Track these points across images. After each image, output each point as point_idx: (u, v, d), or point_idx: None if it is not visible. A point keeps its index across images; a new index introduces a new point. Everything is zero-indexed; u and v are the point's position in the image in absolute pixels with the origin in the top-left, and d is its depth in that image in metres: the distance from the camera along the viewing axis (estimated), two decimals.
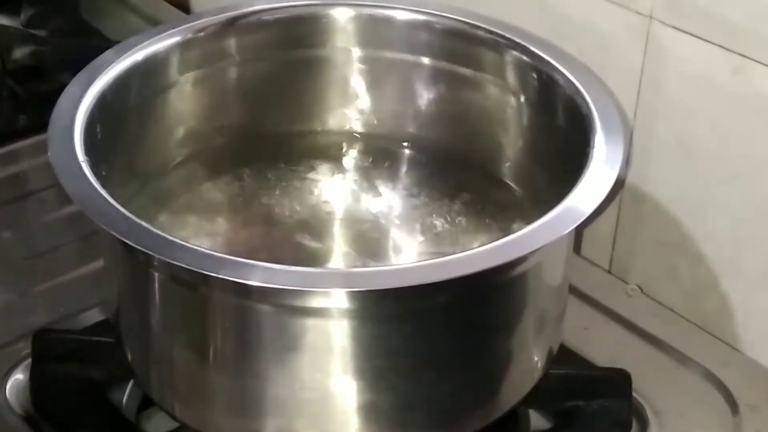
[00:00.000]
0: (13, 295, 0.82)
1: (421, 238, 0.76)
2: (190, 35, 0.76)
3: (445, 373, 0.64)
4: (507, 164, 0.79)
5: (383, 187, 0.80)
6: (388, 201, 0.79)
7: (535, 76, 0.74)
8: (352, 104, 0.82)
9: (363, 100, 0.82)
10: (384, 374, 0.62)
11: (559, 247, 0.67)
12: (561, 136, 0.72)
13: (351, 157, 0.82)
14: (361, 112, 0.82)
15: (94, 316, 0.79)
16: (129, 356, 0.69)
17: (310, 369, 0.62)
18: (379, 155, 0.81)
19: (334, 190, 0.80)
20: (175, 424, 0.71)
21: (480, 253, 0.59)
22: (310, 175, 0.80)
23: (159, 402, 0.69)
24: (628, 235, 0.84)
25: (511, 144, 0.78)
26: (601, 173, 0.64)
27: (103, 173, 0.64)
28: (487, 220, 0.76)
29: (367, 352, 0.62)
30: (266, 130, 0.82)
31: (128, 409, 0.73)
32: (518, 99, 0.76)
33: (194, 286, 0.62)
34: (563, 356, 0.73)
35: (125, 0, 1.17)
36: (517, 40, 0.75)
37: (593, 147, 0.66)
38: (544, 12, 0.82)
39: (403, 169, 0.81)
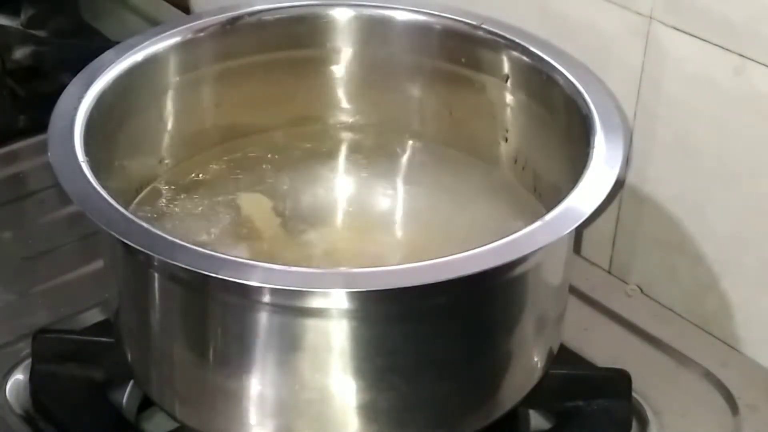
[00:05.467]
0: (13, 295, 0.82)
1: (422, 237, 0.76)
2: (190, 35, 0.76)
3: (445, 373, 0.64)
4: (506, 163, 0.79)
5: (384, 186, 0.80)
6: (389, 199, 0.79)
7: (535, 76, 0.74)
8: (352, 104, 0.82)
9: (363, 99, 0.82)
10: (384, 374, 0.62)
11: (559, 248, 0.67)
12: (561, 137, 0.72)
13: (351, 156, 0.82)
14: (361, 112, 0.82)
15: (94, 316, 0.79)
16: (129, 356, 0.69)
17: (310, 369, 0.62)
18: (379, 155, 0.81)
19: (335, 189, 0.80)
20: (175, 424, 0.71)
21: (480, 253, 0.59)
22: (311, 174, 0.80)
23: (159, 402, 0.69)
24: (628, 235, 0.84)
25: (511, 144, 0.78)
26: (601, 173, 0.64)
27: (103, 173, 0.64)
28: (487, 220, 0.76)
29: (367, 352, 0.62)
30: (266, 130, 0.82)
31: (128, 409, 0.73)
32: (518, 99, 0.76)
33: (194, 286, 0.62)
34: (563, 356, 0.73)
35: (125, 0, 1.17)
36: (517, 40, 0.75)
37: (593, 147, 0.66)
38: (544, 12, 0.82)
39: (403, 168, 0.81)
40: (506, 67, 0.76)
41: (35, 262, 0.84)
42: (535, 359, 0.69)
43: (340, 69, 0.81)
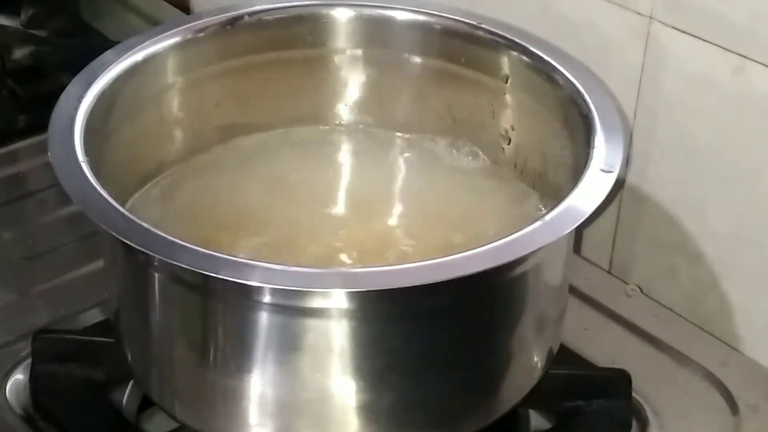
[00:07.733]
0: (13, 295, 0.82)
1: (422, 236, 0.75)
2: (190, 35, 0.76)
3: (445, 373, 0.64)
4: (506, 163, 0.79)
5: (383, 186, 0.80)
6: (389, 200, 0.79)
7: (535, 76, 0.74)
8: (351, 104, 0.82)
9: (363, 99, 0.82)
10: (384, 374, 0.62)
11: (559, 248, 0.67)
12: (561, 137, 0.72)
13: (351, 156, 0.82)
14: (361, 111, 0.82)
15: (94, 316, 0.79)
16: (129, 356, 0.69)
17: (310, 369, 0.62)
18: (379, 155, 0.81)
19: (335, 189, 0.80)
20: (175, 424, 0.71)
21: (480, 253, 0.59)
22: (311, 175, 0.80)
23: (159, 402, 0.69)
24: (628, 235, 0.84)
25: (511, 144, 0.78)
26: (601, 173, 0.64)
27: (103, 173, 0.64)
28: (487, 220, 0.76)
29: (367, 352, 0.62)
30: (266, 129, 0.82)
31: (128, 409, 0.73)
32: (518, 99, 0.76)
33: (194, 286, 0.62)
34: (563, 356, 0.73)
35: (125, 0, 1.17)
36: (517, 40, 0.75)
37: (593, 147, 0.66)
38: (544, 12, 0.82)
39: (403, 168, 0.81)
40: (506, 67, 0.76)
41: (35, 262, 0.84)
42: (535, 359, 0.69)
43: (340, 69, 0.81)
